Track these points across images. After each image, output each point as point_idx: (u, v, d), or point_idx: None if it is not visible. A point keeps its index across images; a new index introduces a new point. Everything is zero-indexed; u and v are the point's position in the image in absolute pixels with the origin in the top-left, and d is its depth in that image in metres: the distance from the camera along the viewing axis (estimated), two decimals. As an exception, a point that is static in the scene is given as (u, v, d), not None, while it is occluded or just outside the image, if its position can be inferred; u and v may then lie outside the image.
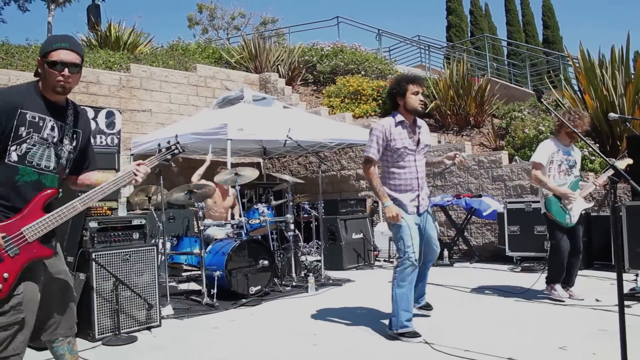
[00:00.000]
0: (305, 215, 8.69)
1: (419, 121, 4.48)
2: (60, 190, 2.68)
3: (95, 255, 4.46)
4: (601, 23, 64.84)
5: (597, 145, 8.64)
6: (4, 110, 2.47)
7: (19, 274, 2.45)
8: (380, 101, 12.28)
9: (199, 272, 6.12)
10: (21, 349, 2.49)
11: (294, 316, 5.19)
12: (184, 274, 7.50)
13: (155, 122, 10.53)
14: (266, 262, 6.13)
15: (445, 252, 8.37)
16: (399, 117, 4.35)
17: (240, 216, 6.93)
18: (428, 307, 4.91)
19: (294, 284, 6.64)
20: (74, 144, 2.74)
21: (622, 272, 2.94)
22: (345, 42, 16.22)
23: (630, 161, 5.48)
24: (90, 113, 9.02)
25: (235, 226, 6.72)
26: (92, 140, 2.95)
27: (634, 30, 48.63)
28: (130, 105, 10.21)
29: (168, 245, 6.59)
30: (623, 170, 5.07)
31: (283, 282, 6.58)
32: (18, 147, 2.51)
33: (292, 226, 6.88)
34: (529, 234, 7.72)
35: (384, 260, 8.76)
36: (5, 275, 2.40)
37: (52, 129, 2.62)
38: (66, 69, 2.56)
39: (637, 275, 5.62)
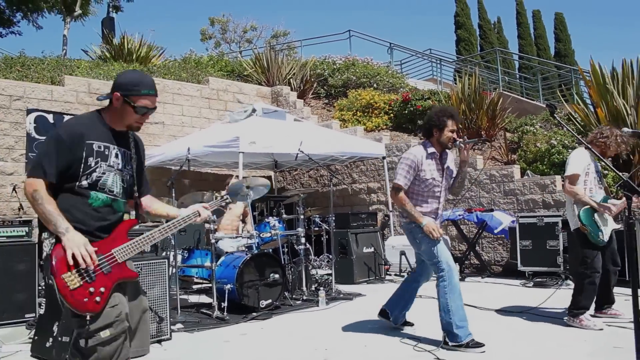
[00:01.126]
0: (316, 229, 8.67)
1: (447, 151, 4.65)
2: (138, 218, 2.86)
3: (107, 268, 4.47)
4: (614, 37, 64.68)
5: (610, 159, 8.57)
6: (72, 142, 2.56)
7: (112, 290, 2.56)
8: (391, 115, 12.29)
9: (210, 285, 6.12)
10: (128, 357, 2.64)
11: (304, 330, 5.18)
12: (194, 286, 7.50)
13: (167, 135, 10.59)
14: (277, 275, 6.12)
15: (457, 267, 8.33)
16: (431, 149, 4.51)
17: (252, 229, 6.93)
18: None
19: (304, 297, 6.61)
20: (132, 168, 2.83)
21: (637, 288, 2.90)
22: (357, 55, 16.27)
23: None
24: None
25: (246, 239, 6.72)
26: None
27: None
28: (143, 118, 10.29)
29: (179, 258, 6.60)
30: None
31: (294, 296, 6.56)
32: (88, 176, 2.61)
33: (302, 240, 6.87)
34: (541, 249, 7.66)
35: (395, 275, 8.71)
36: (102, 289, 2.51)
37: (117, 156, 2.72)
38: (148, 114, 2.70)
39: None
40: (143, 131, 10.15)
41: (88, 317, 2.46)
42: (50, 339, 4.23)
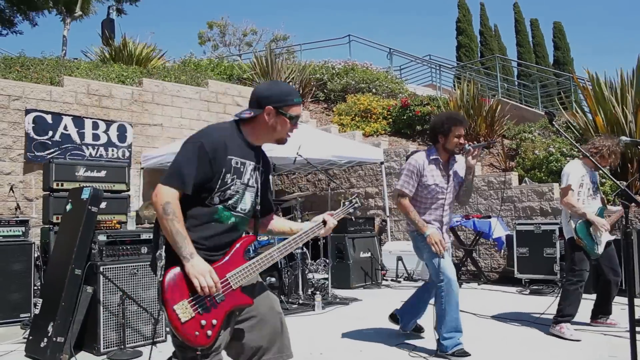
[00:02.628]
0: (313, 232, 8.65)
1: (456, 157, 4.50)
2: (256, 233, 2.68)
3: (102, 269, 4.47)
4: (613, 46, 64.90)
5: (607, 167, 8.58)
6: (214, 154, 2.40)
7: (224, 320, 2.41)
8: (390, 120, 12.30)
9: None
10: None
11: (300, 335, 5.16)
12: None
13: (166, 137, 10.57)
14: (273, 279, 6.11)
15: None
16: (434, 155, 4.41)
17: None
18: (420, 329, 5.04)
19: (300, 302, 6.60)
20: (260, 184, 2.67)
21: (633, 297, 2.91)
22: (356, 60, 16.29)
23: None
24: (102, 126, 9.13)
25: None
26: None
27: (646, 53, 48.50)
28: (142, 119, 10.28)
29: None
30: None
31: (290, 300, 6.55)
32: (222, 193, 2.46)
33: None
34: (539, 256, 7.66)
35: (392, 280, 8.71)
36: (214, 321, 2.36)
37: (252, 173, 2.57)
38: (297, 124, 2.59)
39: (648, 300, 5.53)
40: (141, 133, 10.19)
41: (198, 352, 2.34)
42: (45, 339, 4.23)
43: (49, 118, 8.71)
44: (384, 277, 8.74)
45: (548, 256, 7.58)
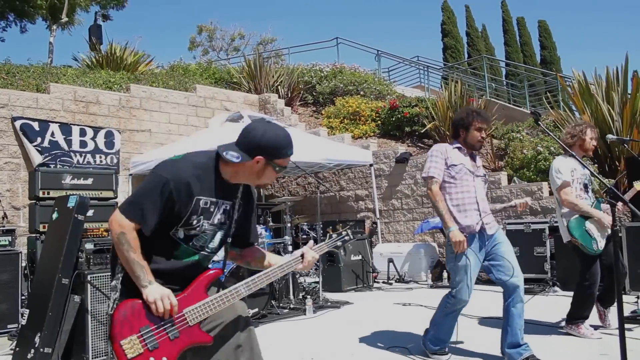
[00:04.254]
0: (304, 237, 8.64)
1: (475, 155, 4.30)
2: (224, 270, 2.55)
3: (90, 277, 4.42)
4: (600, 44, 65.34)
5: (596, 165, 8.64)
6: (179, 194, 2.29)
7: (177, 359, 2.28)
8: (379, 122, 12.31)
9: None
10: None
11: (291, 339, 5.14)
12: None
13: (154, 142, 10.53)
14: (264, 284, 6.07)
15: (445, 274, 8.34)
16: (457, 144, 4.20)
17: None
18: None
19: (291, 306, 6.57)
20: (235, 217, 2.54)
21: (621, 294, 2.91)
22: (344, 62, 16.33)
23: None
24: (90, 133, 9.08)
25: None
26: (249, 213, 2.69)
27: (633, 51, 48.97)
28: (130, 125, 10.22)
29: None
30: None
31: (281, 305, 6.52)
32: (186, 230, 2.38)
33: (290, 248, 6.84)
34: (529, 255, 7.67)
35: (383, 282, 8.70)
36: (164, 359, 2.24)
37: (224, 212, 2.47)
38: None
39: (638, 297, 5.55)
40: (130, 139, 10.13)
41: None
42: (32, 350, 4.17)
43: (35, 125, 8.65)
44: (376, 280, 8.73)
45: (538, 255, 7.59)
